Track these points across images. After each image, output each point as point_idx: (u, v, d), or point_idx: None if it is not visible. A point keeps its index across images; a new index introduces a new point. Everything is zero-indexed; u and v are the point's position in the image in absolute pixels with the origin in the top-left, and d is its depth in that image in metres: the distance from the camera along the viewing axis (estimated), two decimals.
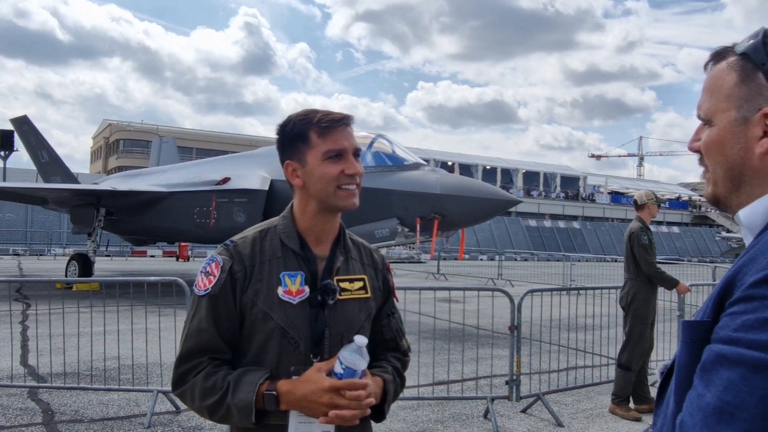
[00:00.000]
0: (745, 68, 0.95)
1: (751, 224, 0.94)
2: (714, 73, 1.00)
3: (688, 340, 0.88)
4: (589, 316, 7.68)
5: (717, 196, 1.01)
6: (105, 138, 64.99)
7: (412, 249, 30.65)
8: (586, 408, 5.85)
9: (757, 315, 0.78)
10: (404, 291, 5.99)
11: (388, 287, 1.84)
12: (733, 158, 0.96)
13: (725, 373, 0.77)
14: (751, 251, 0.87)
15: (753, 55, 0.94)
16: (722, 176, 0.98)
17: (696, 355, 0.85)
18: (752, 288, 0.80)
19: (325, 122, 1.63)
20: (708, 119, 1.00)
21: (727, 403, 0.75)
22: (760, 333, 0.77)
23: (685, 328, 0.90)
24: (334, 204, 1.65)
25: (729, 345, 0.79)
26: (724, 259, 45.62)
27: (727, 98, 0.96)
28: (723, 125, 0.97)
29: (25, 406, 5.39)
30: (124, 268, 22.47)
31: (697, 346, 0.86)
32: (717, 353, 0.80)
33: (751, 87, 0.94)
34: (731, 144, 0.96)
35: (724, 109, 0.96)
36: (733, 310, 0.82)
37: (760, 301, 0.79)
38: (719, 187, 1.00)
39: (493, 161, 65.93)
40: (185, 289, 5.45)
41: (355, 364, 1.52)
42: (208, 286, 1.62)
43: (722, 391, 0.76)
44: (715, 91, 0.99)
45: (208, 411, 1.57)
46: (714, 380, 0.78)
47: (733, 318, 0.81)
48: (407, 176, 11.06)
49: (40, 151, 21.51)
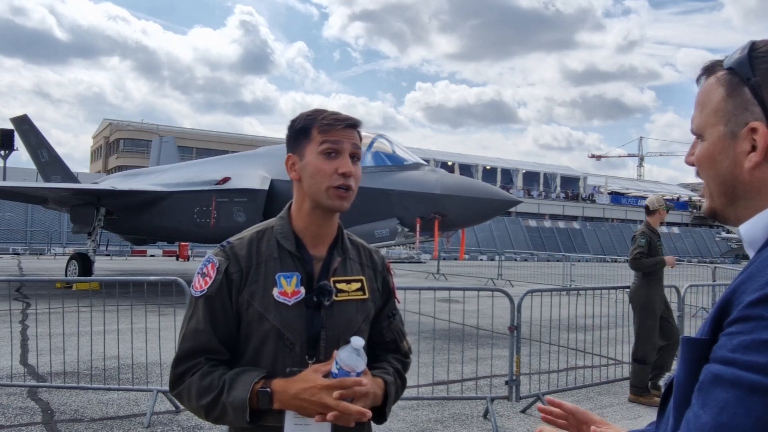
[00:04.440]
0: (732, 83, 0.95)
1: (752, 239, 0.94)
2: (704, 88, 1.00)
3: (687, 357, 0.88)
4: (589, 316, 7.68)
5: (714, 209, 1.01)
6: (105, 137, 65.00)
7: (412, 249, 30.62)
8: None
9: (754, 336, 0.77)
10: (404, 291, 5.99)
11: (388, 288, 1.83)
12: (724, 173, 0.95)
13: (721, 394, 0.77)
14: (750, 268, 0.87)
15: (739, 70, 0.94)
16: (716, 190, 0.98)
17: (694, 374, 0.84)
18: (749, 308, 0.80)
19: (329, 120, 1.64)
20: (699, 134, 1.00)
21: (723, 424, 0.75)
22: (757, 355, 0.76)
23: (684, 345, 0.89)
24: (324, 202, 1.64)
25: (726, 366, 0.78)
26: (724, 259, 45.62)
27: (716, 113, 0.96)
28: (713, 140, 0.97)
29: (25, 405, 5.38)
30: (124, 267, 22.46)
31: (695, 365, 0.85)
32: (714, 374, 0.80)
33: (737, 102, 0.94)
34: (721, 158, 0.95)
35: (713, 123, 0.96)
36: (731, 330, 0.81)
37: (756, 321, 0.78)
38: (715, 201, 1.00)
39: (493, 161, 65.95)
40: (185, 288, 5.44)
41: (352, 366, 1.51)
42: (204, 287, 1.62)
43: (718, 413, 0.76)
44: (704, 106, 0.99)
45: (204, 410, 1.57)
46: (710, 401, 0.78)
47: (730, 338, 0.80)
48: (407, 176, 11.05)
49: (40, 150, 21.51)
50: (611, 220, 61.75)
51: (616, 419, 5.55)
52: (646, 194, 62.89)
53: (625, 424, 5.44)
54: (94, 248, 15.77)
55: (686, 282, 7.50)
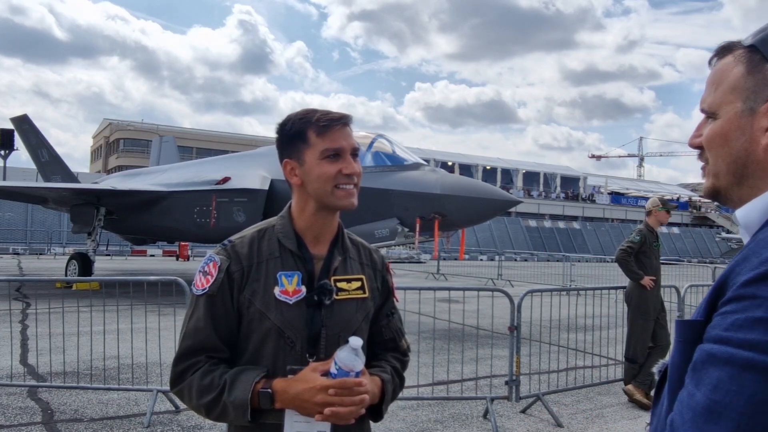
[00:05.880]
0: (753, 60, 0.94)
1: (748, 224, 0.94)
2: (719, 66, 0.99)
3: (682, 339, 0.88)
4: (589, 316, 7.68)
5: (717, 188, 1.00)
6: (105, 137, 64.99)
7: (412, 249, 30.62)
8: (585, 408, 5.85)
9: (747, 314, 0.78)
10: (404, 291, 5.99)
11: (387, 288, 1.84)
12: (738, 150, 0.95)
13: (714, 372, 0.77)
14: (745, 250, 0.87)
15: (761, 47, 0.94)
16: (725, 169, 0.97)
17: (688, 355, 0.84)
18: (743, 287, 0.80)
19: (324, 121, 1.63)
20: (712, 112, 0.99)
21: (716, 402, 0.75)
22: (750, 332, 0.76)
23: (678, 327, 0.90)
24: (332, 203, 1.65)
25: (719, 344, 0.79)
26: (724, 259, 45.58)
27: (733, 90, 0.95)
28: (728, 117, 0.96)
29: (25, 405, 5.38)
30: (124, 267, 22.46)
31: (690, 346, 0.85)
32: (707, 352, 0.80)
33: (758, 78, 0.93)
34: (736, 136, 0.95)
35: (730, 101, 0.96)
36: (725, 309, 0.81)
37: (750, 300, 0.78)
38: (720, 180, 0.99)
39: (493, 161, 65.92)
40: (185, 288, 5.44)
41: (350, 366, 1.52)
42: (205, 285, 1.63)
43: (711, 391, 0.76)
44: (720, 84, 0.98)
45: (205, 409, 1.58)
46: (704, 379, 0.78)
47: (724, 317, 0.81)
48: (407, 176, 11.05)
49: (40, 150, 21.51)
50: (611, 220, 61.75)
51: (615, 419, 5.55)
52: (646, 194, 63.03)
53: (624, 424, 5.44)
54: (94, 248, 15.77)
55: (686, 282, 7.49)
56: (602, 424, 5.40)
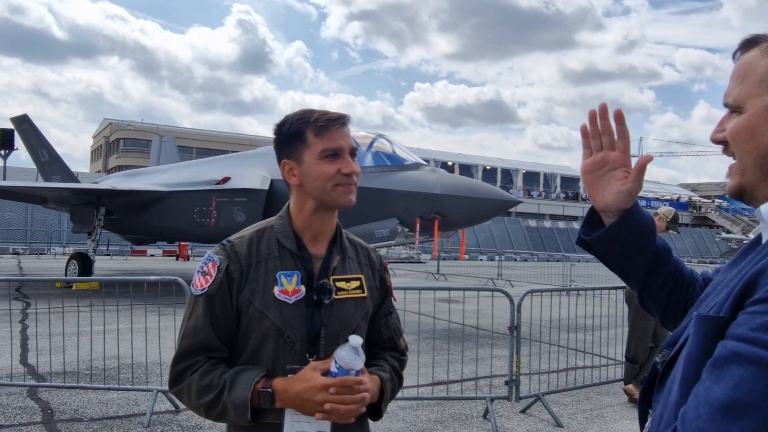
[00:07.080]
0: None
1: None
2: (745, 59, 0.97)
3: (701, 333, 0.86)
4: (589, 316, 7.67)
5: (744, 186, 0.97)
6: (105, 137, 65.00)
7: (412, 249, 30.63)
8: (585, 408, 5.85)
9: None
10: (404, 291, 6.00)
11: (385, 287, 1.85)
12: (765, 144, 0.92)
13: (738, 370, 0.76)
14: None
15: None
16: (751, 164, 0.94)
17: (708, 350, 0.83)
18: None
19: (322, 121, 1.64)
20: (738, 106, 0.96)
21: (736, 400, 0.74)
22: None
23: (698, 322, 0.88)
24: (332, 201, 1.66)
25: (746, 343, 0.77)
26: (724, 260, 45.57)
27: (761, 83, 0.94)
28: (755, 111, 0.94)
29: (25, 405, 5.38)
30: (124, 267, 22.46)
31: (710, 341, 0.84)
32: (732, 350, 0.79)
33: None
34: (764, 130, 0.93)
35: (757, 94, 0.94)
36: (754, 309, 0.80)
37: None
38: (747, 177, 0.96)
39: (493, 161, 65.91)
40: (185, 288, 5.44)
41: (350, 364, 1.52)
42: (204, 285, 1.63)
43: (732, 388, 0.75)
44: (746, 77, 0.95)
45: (205, 409, 1.58)
46: (725, 376, 0.77)
47: (753, 317, 0.79)
48: (407, 176, 11.05)
49: (40, 150, 21.50)
50: None
51: (615, 419, 5.55)
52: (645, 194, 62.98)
53: (624, 424, 5.44)
54: (94, 248, 15.77)
55: None
56: (602, 424, 5.40)
